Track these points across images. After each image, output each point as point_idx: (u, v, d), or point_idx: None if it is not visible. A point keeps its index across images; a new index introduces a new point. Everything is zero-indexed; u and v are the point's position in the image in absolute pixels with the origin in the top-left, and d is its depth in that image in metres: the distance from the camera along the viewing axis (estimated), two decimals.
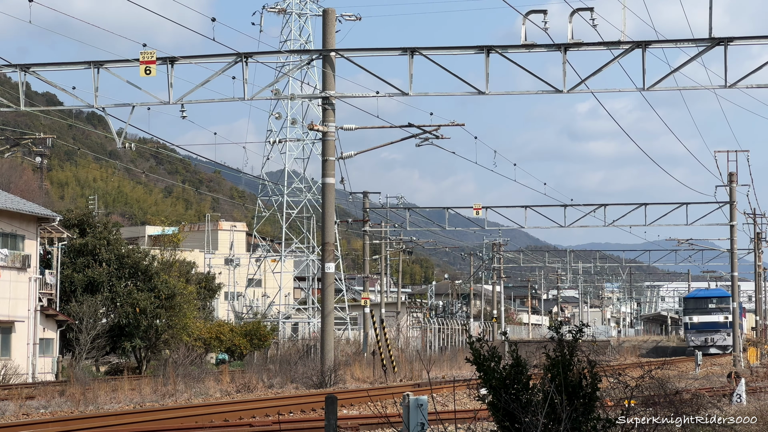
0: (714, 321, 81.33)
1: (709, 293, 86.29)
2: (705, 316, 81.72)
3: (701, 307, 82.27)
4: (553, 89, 31.22)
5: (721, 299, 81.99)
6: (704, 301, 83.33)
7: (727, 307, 74.88)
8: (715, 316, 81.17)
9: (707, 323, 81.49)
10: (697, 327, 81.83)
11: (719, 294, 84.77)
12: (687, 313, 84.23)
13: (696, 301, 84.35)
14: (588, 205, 60.39)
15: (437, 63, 31.59)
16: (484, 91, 31.53)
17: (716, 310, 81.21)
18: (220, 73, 32.15)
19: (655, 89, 30.95)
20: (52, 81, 33.94)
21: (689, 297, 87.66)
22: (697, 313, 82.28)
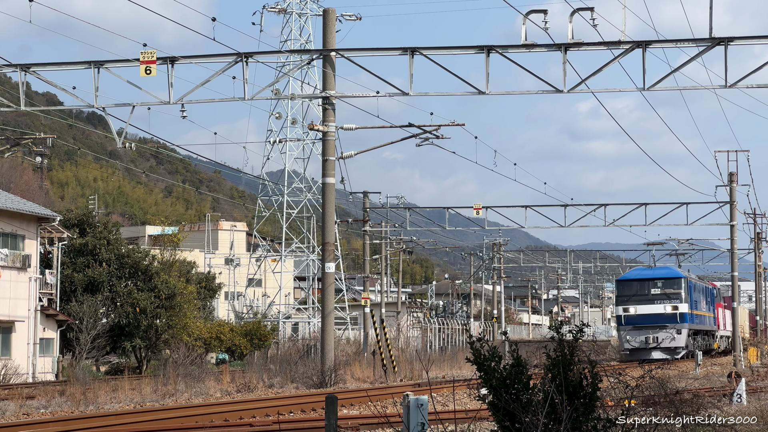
0: (657, 313, 57.52)
1: (650, 273, 59.98)
2: (645, 306, 57.79)
3: (640, 294, 58.16)
4: (553, 89, 31.22)
5: (668, 282, 58.41)
6: (643, 285, 58.52)
7: (677, 293, 57.54)
8: (659, 306, 57.52)
9: (647, 317, 57.30)
10: (633, 322, 57.30)
11: (665, 274, 59.57)
12: (620, 302, 59.30)
13: (632, 286, 59.12)
14: (588, 205, 60.37)
15: (437, 63, 31.59)
16: (485, 91, 31.53)
17: (661, 297, 57.69)
18: (220, 72, 32.14)
19: (655, 89, 30.95)
20: (52, 81, 33.94)
21: (623, 280, 61.14)
22: (633, 301, 58.21)
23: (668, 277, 58.52)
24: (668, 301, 57.33)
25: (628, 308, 57.61)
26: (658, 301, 57.44)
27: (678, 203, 59.45)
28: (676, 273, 59.63)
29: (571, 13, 30.35)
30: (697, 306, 61.33)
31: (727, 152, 59.63)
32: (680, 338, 56.95)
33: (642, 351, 56.73)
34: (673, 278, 58.57)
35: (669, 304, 57.21)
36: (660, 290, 57.79)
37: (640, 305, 57.63)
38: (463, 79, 31.79)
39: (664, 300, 57.32)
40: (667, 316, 57.24)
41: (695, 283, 61.69)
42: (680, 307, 57.49)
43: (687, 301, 57.76)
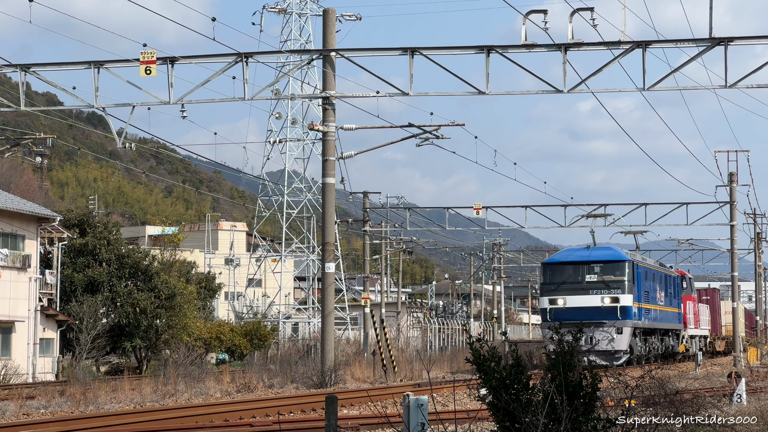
0: (592, 307, 44.93)
1: (585, 255, 46.60)
2: (576, 296, 45.28)
3: (571, 282, 45.71)
4: (553, 89, 31.22)
5: (608, 266, 45.61)
6: (576, 269, 46.03)
7: (619, 281, 44.87)
8: (595, 297, 45.12)
9: (580, 311, 44.16)
10: (561, 317, 42.91)
11: (604, 256, 46.25)
12: (546, 291, 46.69)
13: (560, 271, 46.25)
14: (588, 205, 60.41)
15: (437, 63, 31.60)
16: (485, 91, 31.54)
17: (598, 286, 45.51)
18: (220, 73, 32.14)
19: (655, 89, 30.96)
20: (52, 81, 33.94)
21: (549, 263, 47.83)
22: (563, 291, 45.63)
23: (607, 260, 45.02)
24: (607, 291, 44.67)
25: (556, 299, 44.81)
26: (593, 291, 44.73)
27: (678, 203, 59.52)
28: (618, 255, 45.80)
29: (571, 13, 30.36)
30: (650, 298, 48.15)
31: (727, 152, 59.70)
32: (621, 339, 43.49)
33: None
34: (613, 261, 45.00)
35: (608, 295, 44.52)
36: (597, 277, 44.84)
37: (570, 296, 44.59)
38: (463, 79, 31.81)
39: (602, 289, 44.74)
40: (604, 310, 44.12)
41: (647, 268, 48.54)
42: (622, 298, 44.15)
43: (632, 291, 44.66)
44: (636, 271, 45.93)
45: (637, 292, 45.85)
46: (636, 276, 45.78)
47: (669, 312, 53.08)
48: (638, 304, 45.92)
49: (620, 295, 44.65)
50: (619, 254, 46.12)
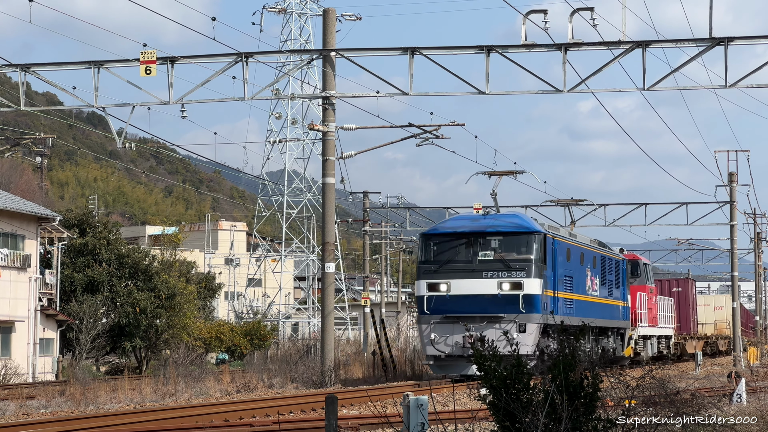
0: (484, 295, 33.01)
1: (477, 224, 34.05)
2: (465, 281, 33.10)
3: (458, 261, 33.38)
4: (553, 89, 31.23)
5: (509, 240, 33.44)
6: (465, 243, 33.55)
7: (524, 260, 32.79)
8: (489, 283, 32.93)
9: (468, 300, 32.99)
10: (444, 309, 33.02)
11: (504, 226, 33.76)
12: (424, 274, 33.77)
13: (445, 245, 33.93)
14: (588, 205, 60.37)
15: (437, 63, 31.61)
16: (485, 90, 31.54)
17: (495, 267, 33.11)
18: (220, 72, 32.15)
19: (655, 89, 30.97)
20: (52, 81, 33.95)
21: (430, 234, 34.74)
22: (447, 273, 33.31)
23: (509, 232, 32.96)
24: (506, 274, 32.45)
25: (437, 285, 32.72)
26: (489, 274, 32.56)
27: (678, 203, 59.48)
28: (525, 224, 33.63)
29: (571, 13, 30.37)
30: (575, 285, 36.41)
31: (727, 152, 59.68)
32: (524, 340, 31.48)
33: (456, 361, 32.45)
34: (517, 233, 32.98)
35: (507, 280, 32.36)
36: (494, 254, 32.73)
37: (457, 279, 32.59)
38: (463, 79, 31.82)
39: (500, 271, 32.55)
40: (503, 299, 32.25)
41: (571, 245, 36.50)
42: (527, 284, 32.27)
43: (542, 274, 32.81)
44: (551, 248, 33.69)
45: (552, 277, 33.59)
46: (551, 254, 33.60)
47: (607, 305, 40.69)
48: (553, 293, 33.58)
49: (524, 279, 32.03)
50: (526, 223, 33.42)
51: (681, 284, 62.76)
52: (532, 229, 33.31)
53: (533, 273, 32.61)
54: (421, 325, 33.24)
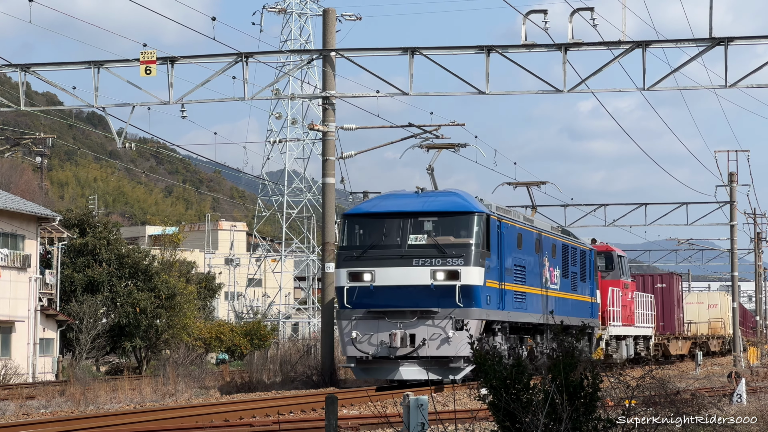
0: (415, 286, 27.86)
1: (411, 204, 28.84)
2: (392, 269, 28.07)
3: (385, 245, 28.38)
4: (553, 89, 31.24)
5: (445, 221, 28.49)
6: (394, 225, 28.49)
7: (462, 245, 28.04)
8: (420, 272, 27.83)
9: (396, 292, 27.92)
10: (368, 303, 28.10)
11: (441, 206, 28.69)
12: (344, 261, 28.67)
13: (370, 227, 28.92)
14: (588, 205, 60.43)
15: (437, 63, 31.62)
16: (485, 90, 31.55)
17: (429, 253, 27.92)
18: (220, 72, 32.16)
19: (655, 89, 30.98)
20: (52, 81, 33.95)
21: (352, 215, 29.42)
22: (371, 260, 28.26)
23: (446, 212, 28.36)
24: (441, 262, 27.75)
25: (360, 274, 28.15)
26: (420, 261, 27.85)
27: (678, 203, 59.55)
28: (464, 203, 28.68)
29: (571, 13, 30.39)
30: (527, 276, 31.75)
31: (727, 152, 59.72)
32: (461, 339, 26.99)
33: (382, 364, 28.04)
34: (455, 214, 28.35)
35: (442, 269, 27.67)
36: (427, 238, 28.10)
37: (383, 267, 28.06)
38: (463, 79, 31.83)
39: (434, 258, 27.81)
40: (436, 291, 27.59)
41: (524, 230, 31.82)
42: (465, 273, 27.53)
43: (483, 262, 28.07)
44: (497, 232, 29.13)
45: (498, 266, 29.10)
46: (498, 240, 29.11)
47: (570, 301, 36.11)
48: (499, 284, 29.17)
49: (462, 267, 27.37)
50: (466, 202, 28.55)
51: (665, 280, 57.73)
52: (472, 209, 28.29)
53: (473, 260, 27.66)
54: (341, 321, 28.45)
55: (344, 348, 28.57)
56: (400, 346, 27.64)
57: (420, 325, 27.68)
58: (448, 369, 27.92)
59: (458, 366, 27.78)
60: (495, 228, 29.17)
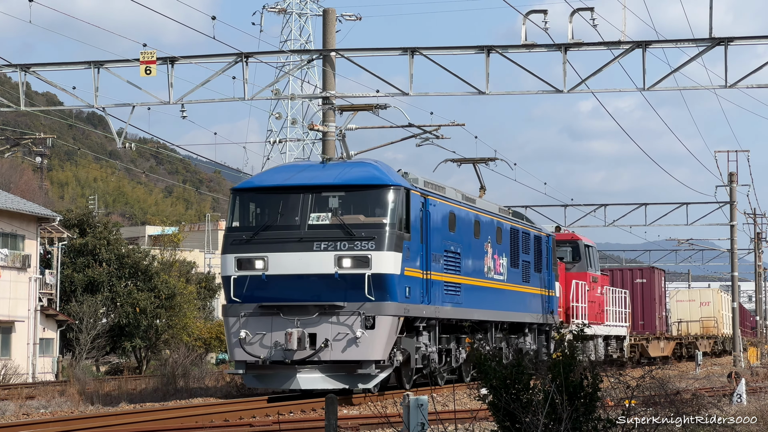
0: (318, 275, 23.16)
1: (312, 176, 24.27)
2: (289, 253, 23.27)
3: (281, 226, 23.66)
4: (553, 89, 31.23)
5: (354, 196, 23.92)
6: (291, 201, 23.80)
7: (374, 225, 23.27)
8: (323, 258, 23.08)
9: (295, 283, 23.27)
10: (261, 295, 23.49)
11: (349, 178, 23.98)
12: (233, 244, 23.88)
13: (264, 204, 24.37)
14: (588, 205, 60.35)
15: (437, 63, 31.62)
16: (485, 91, 31.55)
17: (333, 235, 23.17)
18: (220, 73, 32.15)
19: (655, 89, 30.97)
20: (52, 81, 33.94)
21: (244, 188, 24.75)
22: (264, 245, 23.51)
23: (354, 185, 24.05)
24: (348, 246, 23.29)
25: (251, 260, 23.78)
26: (322, 245, 23.37)
27: (678, 203, 59.45)
28: (377, 174, 24.32)
29: (571, 13, 30.38)
30: (461, 264, 27.20)
31: (727, 152, 59.61)
32: (374, 339, 23.06)
33: (277, 369, 23.65)
34: (364, 187, 24.04)
35: (348, 254, 23.26)
36: (332, 217, 23.67)
37: (277, 253, 23.62)
38: (463, 79, 31.83)
39: (340, 242, 23.37)
40: (342, 281, 23.29)
41: (457, 209, 27.36)
42: (377, 260, 23.16)
43: (401, 246, 23.60)
44: (421, 211, 24.72)
45: (423, 251, 24.68)
46: (422, 220, 24.72)
47: (521, 294, 31.76)
48: (424, 273, 24.79)
49: (373, 252, 22.95)
50: (380, 174, 24.08)
51: (645, 274, 52.91)
52: (387, 182, 23.71)
53: (387, 244, 23.01)
54: (228, 318, 23.76)
55: (231, 351, 23.82)
56: (297, 348, 22.97)
57: (322, 323, 23.10)
58: (357, 376, 23.21)
59: (369, 372, 23.04)
60: (418, 205, 24.46)
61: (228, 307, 24.06)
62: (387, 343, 23.35)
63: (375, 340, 23.06)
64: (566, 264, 38.67)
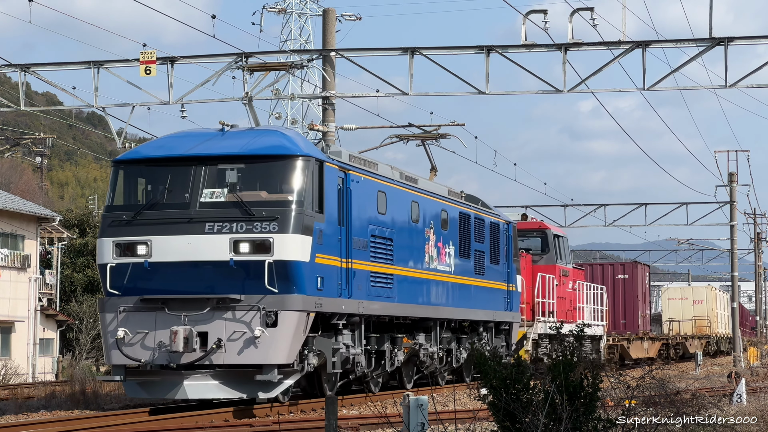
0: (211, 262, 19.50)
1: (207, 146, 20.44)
2: (178, 236, 19.68)
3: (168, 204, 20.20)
4: (553, 89, 31.24)
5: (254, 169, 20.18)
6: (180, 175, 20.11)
7: (279, 201, 19.72)
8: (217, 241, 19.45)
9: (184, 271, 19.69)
10: (143, 286, 19.95)
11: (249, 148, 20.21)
12: (111, 228, 20.21)
13: (149, 177, 20.58)
14: (588, 205, 60.36)
15: (437, 63, 31.62)
16: (485, 91, 31.55)
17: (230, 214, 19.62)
18: (220, 73, 32.17)
19: (655, 89, 30.98)
20: (52, 81, 33.96)
21: (123, 160, 21.13)
22: (145, 226, 19.93)
23: (253, 155, 20.29)
24: (245, 227, 19.65)
25: (131, 246, 20.14)
26: (215, 227, 19.73)
27: (678, 203, 59.45)
28: (283, 144, 20.56)
29: (571, 13, 30.39)
30: (395, 252, 23.76)
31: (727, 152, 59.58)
32: (276, 338, 19.50)
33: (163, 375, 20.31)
34: (266, 158, 20.33)
35: (246, 237, 19.60)
36: (228, 194, 20.06)
37: (162, 236, 20.01)
38: (463, 79, 31.83)
39: (236, 223, 19.70)
40: (239, 270, 19.71)
41: (390, 188, 24.07)
42: (278, 244, 19.47)
43: (310, 228, 19.96)
44: (341, 188, 21.38)
45: (342, 235, 21.28)
46: (340, 198, 21.28)
47: (474, 287, 28.22)
48: (342, 262, 21.29)
49: (275, 235, 19.49)
50: (287, 143, 20.51)
51: (627, 270, 49.22)
52: (295, 152, 20.08)
53: (292, 225, 19.48)
54: (105, 314, 20.26)
55: (107, 353, 20.23)
56: (184, 349, 19.28)
57: (215, 319, 19.50)
58: (257, 384, 19.77)
59: (270, 378, 19.54)
60: (335, 181, 20.96)
61: (105, 301, 20.30)
62: (292, 343, 19.62)
63: (277, 340, 19.39)
64: (533, 256, 35.42)
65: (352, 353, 22.08)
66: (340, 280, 21.19)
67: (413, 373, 26.00)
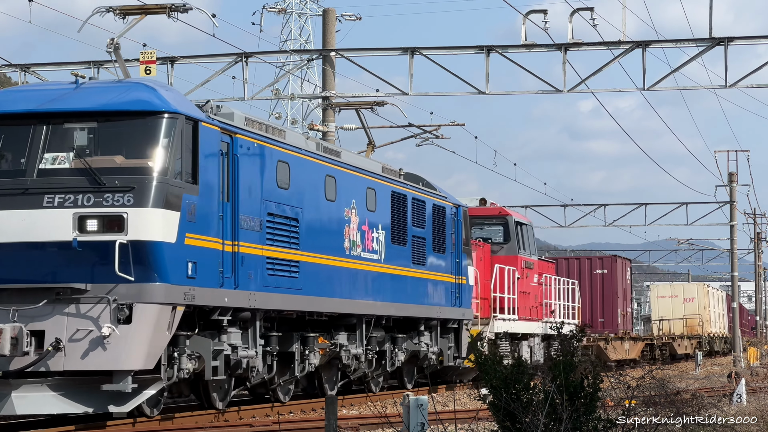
0: (47, 243, 15.10)
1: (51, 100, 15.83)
2: (7, 211, 15.26)
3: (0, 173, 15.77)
4: (553, 89, 31.28)
5: (109, 128, 15.72)
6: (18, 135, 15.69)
7: (137, 168, 15.43)
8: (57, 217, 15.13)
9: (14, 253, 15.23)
10: None
11: (99, 103, 15.79)
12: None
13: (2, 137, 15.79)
14: (588, 205, 60.50)
15: (437, 63, 31.65)
16: (485, 91, 31.59)
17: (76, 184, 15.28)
18: (220, 73, 32.21)
19: (655, 89, 31.02)
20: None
21: None
22: None
23: (107, 112, 15.88)
24: (94, 201, 15.26)
25: None
26: (56, 200, 15.31)
27: (678, 203, 59.61)
28: (146, 98, 16.02)
29: (571, 13, 30.42)
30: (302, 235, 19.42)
31: (727, 152, 59.60)
32: (124, 341, 15.11)
33: None
34: (124, 115, 15.90)
35: (94, 212, 15.18)
36: (74, 159, 15.65)
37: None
38: (463, 79, 31.87)
39: (83, 194, 15.31)
40: (84, 252, 15.19)
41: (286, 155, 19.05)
42: (134, 220, 15.19)
43: (177, 201, 15.69)
44: (222, 154, 17.15)
45: (225, 211, 17.14)
46: (222, 166, 17.11)
47: (412, 279, 24.22)
48: (224, 244, 17.12)
49: (129, 209, 15.37)
50: (149, 97, 16.15)
51: (606, 264, 45.08)
52: (159, 108, 16.03)
53: (153, 197, 15.56)
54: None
55: None
56: (12, 352, 15.12)
57: (54, 315, 15.42)
58: (108, 396, 15.65)
59: (122, 389, 15.43)
60: (216, 146, 16.94)
61: None
62: (152, 344, 15.61)
63: (132, 341, 15.37)
64: (493, 246, 31.76)
65: (242, 356, 17.99)
66: (222, 267, 16.99)
67: (337, 378, 22.41)
